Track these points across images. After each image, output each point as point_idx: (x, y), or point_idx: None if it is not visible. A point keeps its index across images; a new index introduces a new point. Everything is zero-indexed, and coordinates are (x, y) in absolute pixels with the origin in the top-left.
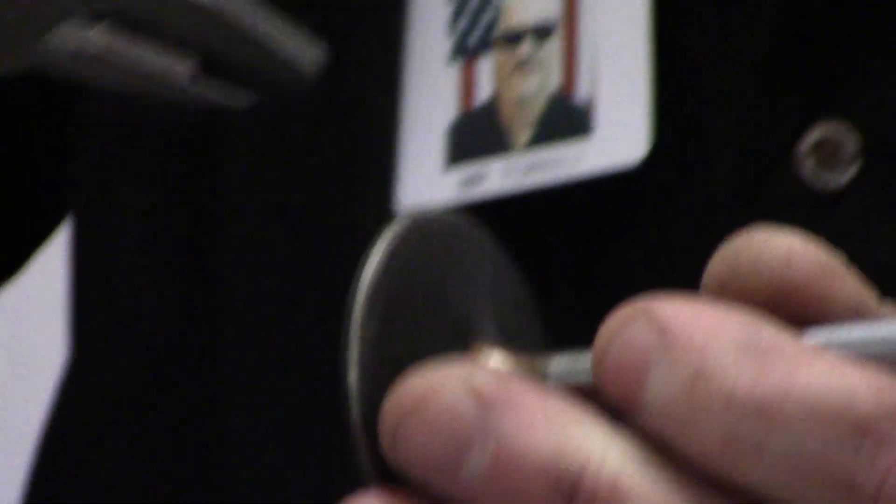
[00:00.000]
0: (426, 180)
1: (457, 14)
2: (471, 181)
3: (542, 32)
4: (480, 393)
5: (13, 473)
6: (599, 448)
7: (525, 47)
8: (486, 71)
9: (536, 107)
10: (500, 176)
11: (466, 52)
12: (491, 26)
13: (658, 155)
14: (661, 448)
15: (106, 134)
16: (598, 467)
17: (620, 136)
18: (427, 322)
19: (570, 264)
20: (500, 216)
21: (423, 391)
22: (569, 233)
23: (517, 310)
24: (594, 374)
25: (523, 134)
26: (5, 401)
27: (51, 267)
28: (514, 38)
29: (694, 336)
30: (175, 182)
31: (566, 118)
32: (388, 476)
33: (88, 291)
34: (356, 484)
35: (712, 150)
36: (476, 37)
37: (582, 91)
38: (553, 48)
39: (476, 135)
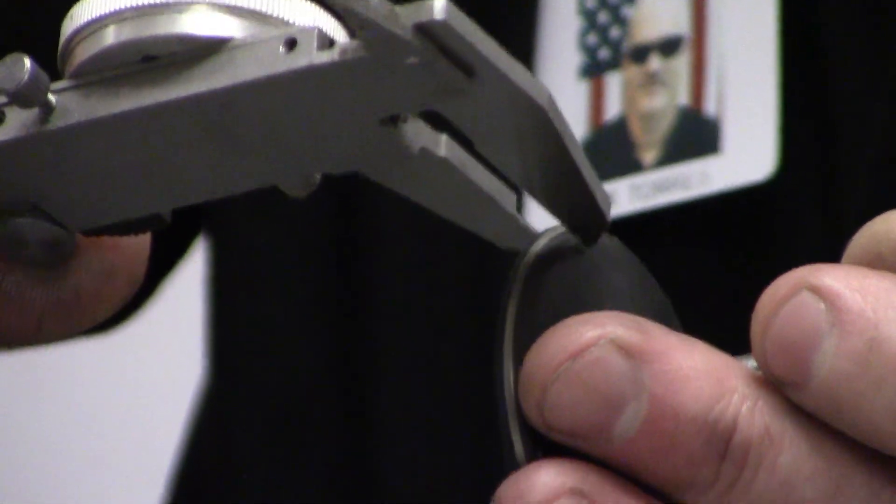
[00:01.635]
0: None
1: (587, 29)
2: None
3: (670, 47)
4: (628, 346)
5: (150, 488)
6: (751, 398)
7: (653, 62)
8: (615, 87)
9: (664, 123)
10: (629, 196)
11: (596, 68)
12: (620, 42)
13: (787, 170)
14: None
15: None
16: (750, 418)
17: (749, 152)
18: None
19: (696, 281)
20: (626, 232)
21: (568, 349)
22: (695, 248)
23: (656, 314)
24: (754, 350)
25: (652, 151)
26: (145, 421)
27: (186, 287)
28: (642, 54)
29: (865, 304)
30: (325, 208)
31: (695, 135)
32: (537, 448)
33: (228, 322)
34: None
35: (844, 163)
36: (605, 52)
37: (710, 107)
38: (681, 63)
39: (605, 153)
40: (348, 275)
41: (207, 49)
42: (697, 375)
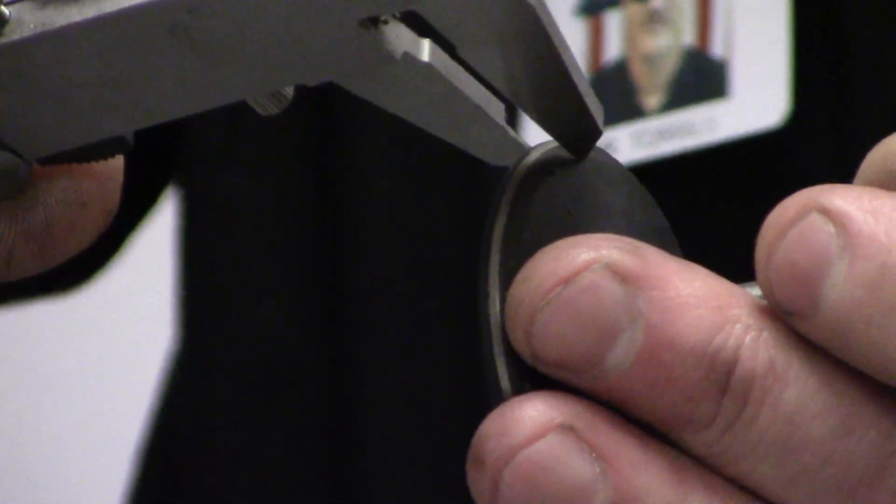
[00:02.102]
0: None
1: None
2: None
3: None
4: (623, 271)
5: (120, 454)
6: (755, 328)
7: (656, 1)
8: (615, 26)
9: (668, 65)
10: (631, 143)
11: (594, 4)
12: None
13: (799, 116)
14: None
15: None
16: (754, 349)
17: (760, 96)
18: (559, 238)
19: (703, 233)
20: None
21: (558, 273)
22: (701, 198)
23: (654, 237)
24: (758, 276)
25: (655, 96)
26: (112, 387)
27: (155, 249)
28: None
29: (878, 227)
30: (299, 163)
31: (700, 78)
32: (524, 381)
33: (200, 279)
34: None
35: (859, 109)
36: None
37: (717, 47)
38: (686, 0)
39: (605, 97)
40: (328, 224)
41: None
42: (697, 303)
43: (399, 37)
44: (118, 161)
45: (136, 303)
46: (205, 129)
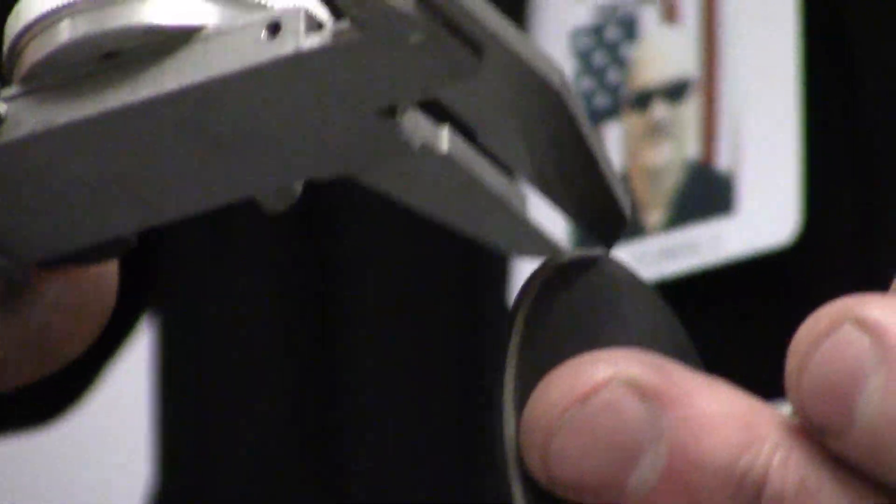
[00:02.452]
0: None
1: (582, 73)
2: None
3: (677, 92)
4: (645, 388)
5: None
6: (785, 447)
7: (658, 110)
8: (615, 138)
9: (671, 179)
10: (632, 263)
11: (593, 116)
12: (619, 87)
13: (813, 231)
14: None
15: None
16: (783, 470)
17: (768, 213)
18: (578, 353)
19: (711, 359)
20: None
21: (575, 390)
22: (708, 322)
23: (677, 353)
24: (789, 391)
25: (657, 212)
26: None
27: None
28: (645, 100)
29: None
30: (284, 272)
31: (705, 193)
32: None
33: (181, 413)
34: None
35: (882, 219)
36: (603, 99)
37: (723, 160)
38: (690, 110)
39: None
40: (320, 357)
41: (177, 40)
42: (723, 421)
43: (417, 126)
44: (112, 265)
45: (110, 440)
46: (183, 251)
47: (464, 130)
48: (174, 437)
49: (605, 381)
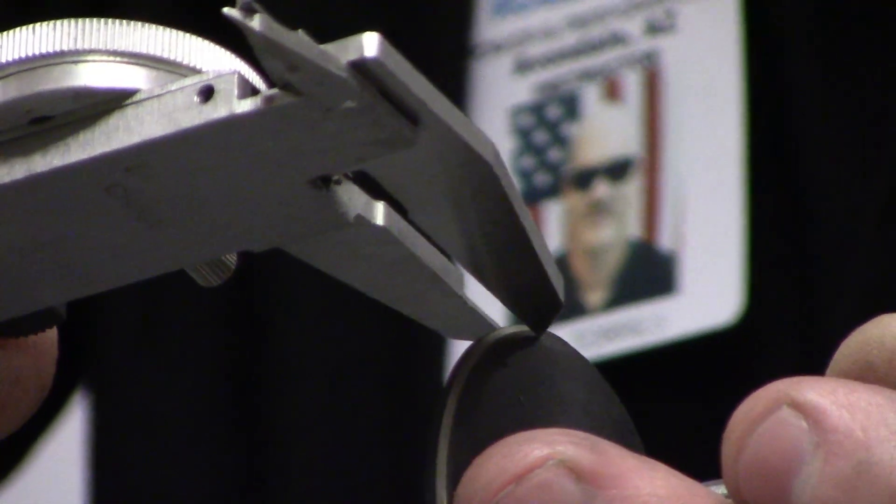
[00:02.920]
0: None
1: (522, 151)
2: None
3: (619, 171)
4: (580, 468)
5: None
6: None
7: (600, 189)
8: (555, 217)
9: (613, 258)
10: (573, 344)
11: (533, 195)
12: (560, 165)
13: (756, 311)
14: None
15: (131, 300)
16: None
17: (711, 292)
18: (513, 431)
19: (653, 437)
20: None
21: (509, 470)
22: (650, 403)
23: (613, 429)
24: (725, 473)
25: (598, 292)
26: None
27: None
28: (586, 179)
29: (854, 423)
30: (218, 348)
31: (647, 273)
32: None
33: (114, 479)
34: None
35: (823, 299)
36: (543, 178)
37: (666, 240)
38: (632, 189)
39: None
40: (252, 428)
41: (109, 104)
42: (658, 503)
43: (352, 198)
44: (51, 334)
45: None
46: (114, 326)
47: (396, 209)
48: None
49: (540, 461)
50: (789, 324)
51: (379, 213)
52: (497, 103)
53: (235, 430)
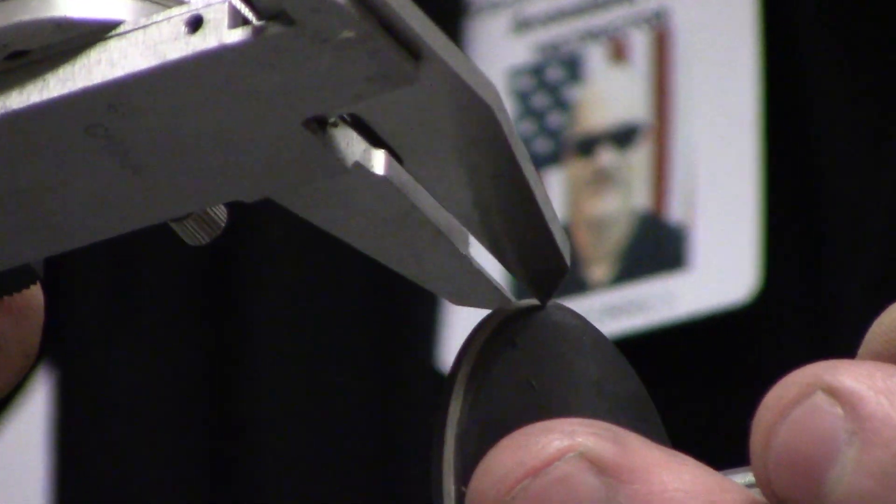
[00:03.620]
0: None
1: (520, 115)
2: None
3: (624, 138)
4: (601, 461)
5: None
6: None
7: (604, 156)
8: (556, 187)
9: (618, 231)
10: None
11: (534, 163)
12: (562, 131)
13: (770, 290)
14: None
15: (102, 277)
16: None
17: (724, 268)
18: (523, 419)
19: (663, 420)
20: None
21: (526, 463)
22: (659, 386)
23: (630, 408)
24: (754, 463)
25: (602, 267)
26: None
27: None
28: (590, 145)
29: (892, 409)
30: (191, 327)
31: (655, 247)
32: None
33: (79, 478)
34: None
35: (834, 280)
36: (544, 144)
37: (675, 212)
38: (639, 158)
39: None
40: (223, 413)
41: (91, 37)
42: (686, 498)
43: (350, 144)
44: (37, 298)
45: (4, 492)
46: (83, 302)
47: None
48: (69, 489)
49: (559, 454)
50: (804, 303)
51: (379, 161)
52: (493, 64)
53: (207, 414)
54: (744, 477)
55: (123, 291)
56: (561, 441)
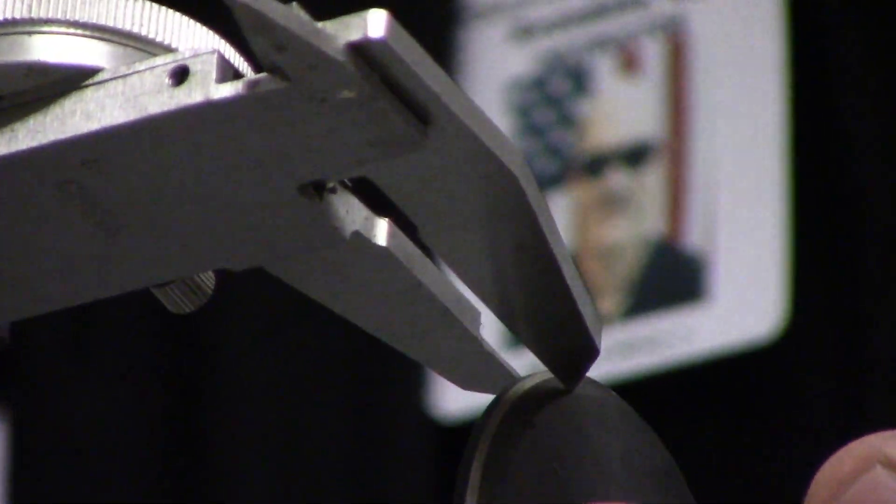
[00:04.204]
0: None
1: (521, 132)
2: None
3: (636, 157)
4: None
5: None
6: None
7: (614, 178)
8: (562, 211)
9: (629, 260)
10: None
11: None
12: (566, 149)
13: (798, 324)
14: None
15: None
16: None
17: (747, 301)
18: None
19: (687, 459)
20: None
21: None
22: (676, 428)
23: (656, 481)
24: None
25: (612, 299)
26: None
27: None
28: (598, 165)
29: None
30: (155, 362)
31: (671, 277)
32: None
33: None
34: None
35: (869, 312)
36: (547, 164)
37: (693, 239)
38: (652, 179)
39: None
40: (188, 454)
41: (66, 85)
42: None
43: (349, 211)
44: None
45: None
46: (40, 337)
47: (403, 226)
48: None
49: None
50: (836, 339)
51: (381, 231)
52: (490, 76)
53: (169, 448)
54: None
55: (82, 324)
56: None
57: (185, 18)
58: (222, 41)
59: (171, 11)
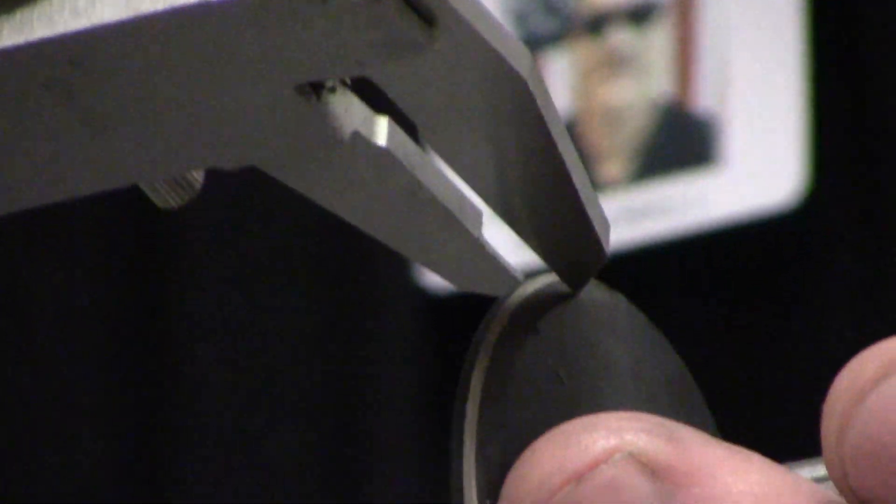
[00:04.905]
0: None
1: None
2: None
3: (641, 15)
4: (654, 463)
5: None
6: None
7: (618, 36)
8: (562, 70)
9: (635, 123)
10: None
11: (533, 43)
12: (566, 6)
13: (818, 191)
14: None
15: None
16: None
17: (763, 166)
18: (553, 416)
19: (694, 346)
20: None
21: (567, 466)
22: (686, 300)
23: (668, 392)
24: (827, 455)
25: (617, 163)
26: None
27: None
28: (601, 23)
29: None
30: (116, 281)
31: (680, 141)
32: None
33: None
34: None
35: (891, 177)
36: (544, 21)
37: (704, 101)
38: (658, 38)
39: None
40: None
41: None
42: (752, 503)
43: (349, 111)
44: None
45: None
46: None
47: (404, 126)
48: None
49: (605, 455)
50: (858, 206)
51: (381, 130)
52: None
53: (140, 340)
54: (813, 470)
55: (42, 225)
56: (607, 440)
57: None
58: None
59: None
